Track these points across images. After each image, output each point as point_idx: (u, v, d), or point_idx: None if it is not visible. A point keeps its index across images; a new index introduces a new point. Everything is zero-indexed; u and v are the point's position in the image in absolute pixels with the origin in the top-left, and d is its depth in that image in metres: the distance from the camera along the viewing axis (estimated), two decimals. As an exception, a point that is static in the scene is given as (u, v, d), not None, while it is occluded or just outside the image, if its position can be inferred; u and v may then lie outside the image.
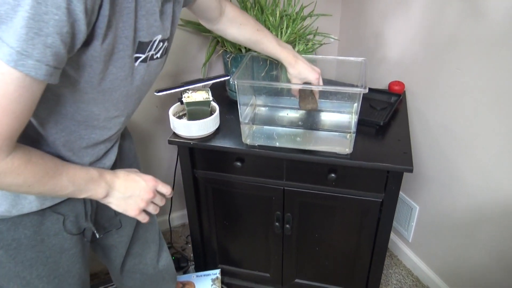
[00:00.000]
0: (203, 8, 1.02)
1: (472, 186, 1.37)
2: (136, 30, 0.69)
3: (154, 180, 0.84)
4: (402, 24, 1.50)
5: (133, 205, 0.82)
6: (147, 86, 0.81)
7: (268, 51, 1.15)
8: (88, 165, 0.81)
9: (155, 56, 0.77)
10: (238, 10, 1.11)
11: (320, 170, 1.25)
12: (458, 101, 1.34)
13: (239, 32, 1.12)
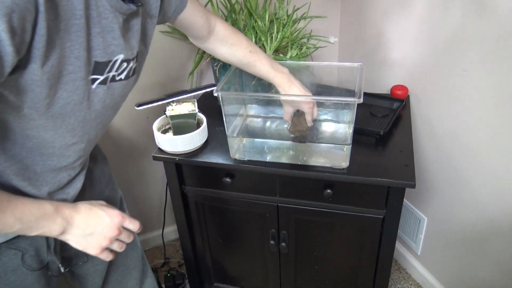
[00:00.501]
0: (188, 25, 0.94)
1: (483, 197, 1.26)
2: (90, 49, 0.61)
3: (121, 215, 0.76)
4: (405, 23, 1.40)
5: (94, 243, 0.73)
6: (111, 110, 0.73)
7: (261, 74, 1.06)
8: (47, 195, 0.74)
9: (117, 78, 0.69)
10: (230, 29, 1.02)
11: (315, 185, 1.16)
12: (466, 105, 1.23)
13: (230, 53, 1.03)
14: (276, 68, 1.04)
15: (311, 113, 1.05)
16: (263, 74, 1.05)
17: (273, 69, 1.03)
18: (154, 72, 1.54)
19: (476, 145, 1.23)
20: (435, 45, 1.29)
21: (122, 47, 0.66)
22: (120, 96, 0.72)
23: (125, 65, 0.68)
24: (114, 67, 0.66)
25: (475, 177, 1.27)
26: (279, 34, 1.21)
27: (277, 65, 1.05)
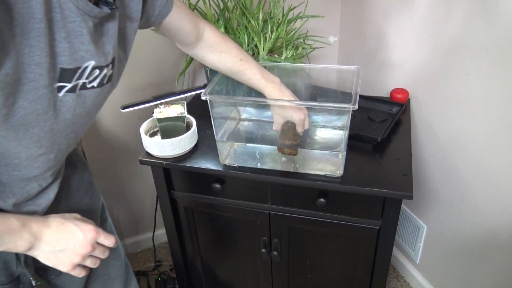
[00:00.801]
0: (174, 31, 0.88)
1: (485, 207, 1.21)
2: (54, 56, 0.56)
3: (95, 230, 0.70)
4: (406, 24, 1.34)
5: (65, 260, 0.69)
6: (84, 118, 0.68)
7: (251, 83, 1.01)
8: (13, 206, 0.69)
9: (89, 85, 0.63)
10: (220, 35, 0.97)
11: (308, 194, 1.10)
12: (468, 110, 1.17)
13: (219, 60, 0.98)
14: (266, 78, 0.99)
15: (302, 125, 1.00)
16: (253, 83, 1.00)
17: (264, 78, 0.98)
18: (147, 72, 1.49)
19: (478, 152, 1.18)
20: (437, 48, 1.23)
21: (93, 53, 0.60)
22: (93, 104, 0.67)
23: (97, 72, 0.63)
24: (84, 74, 0.61)
25: (477, 186, 1.22)
26: (273, 34, 1.16)
27: (268, 74, 1.00)
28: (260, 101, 1.00)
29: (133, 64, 1.49)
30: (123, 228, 1.83)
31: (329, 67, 1.12)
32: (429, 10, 1.22)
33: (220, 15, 1.18)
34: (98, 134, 1.57)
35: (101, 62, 0.63)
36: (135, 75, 1.50)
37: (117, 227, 1.82)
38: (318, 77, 1.20)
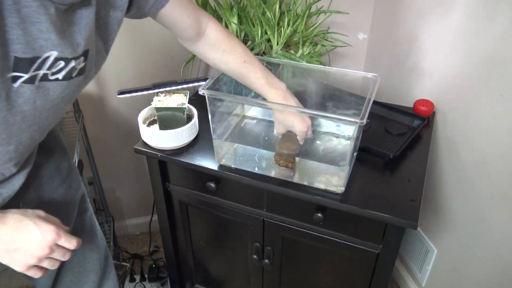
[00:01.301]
0: (171, 24, 0.80)
1: (503, 241, 1.09)
2: (6, 43, 0.50)
3: (56, 232, 0.64)
4: (441, 29, 1.20)
5: (19, 260, 0.64)
6: (50, 111, 0.62)
7: (254, 88, 0.92)
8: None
9: (52, 77, 0.57)
10: (224, 33, 0.88)
11: (306, 206, 1.02)
12: (498, 135, 1.05)
13: (221, 60, 0.89)
14: (271, 83, 0.90)
15: (303, 137, 0.91)
16: (256, 87, 0.91)
17: (268, 83, 0.89)
18: (162, 56, 1.43)
19: (503, 182, 1.06)
20: (471, 59, 1.10)
21: (55, 42, 0.54)
22: (60, 97, 0.61)
23: (62, 64, 0.57)
24: (45, 65, 0.55)
25: (497, 217, 1.10)
26: (289, 28, 1.06)
27: (274, 79, 0.91)
28: (261, 104, 0.91)
29: (141, 45, 1.44)
30: (125, 209, 1.81)
31: (344, 71, 1.02)
32: (468, 16, 1.09)
33: (235, 2, 1.09)
34: (103, 114, 1.53)
35: (67, 54, 0.56)
36: (145, 56, 1.44)
37: (119, 207, 1.80)
38: (334, 77, 1.10)
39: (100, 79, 1.45)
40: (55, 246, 0.65)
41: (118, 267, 1.60)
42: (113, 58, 1.46)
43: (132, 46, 1.42)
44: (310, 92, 1.11)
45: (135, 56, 1.44)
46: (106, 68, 1.44)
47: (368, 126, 1.18)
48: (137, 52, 1.43)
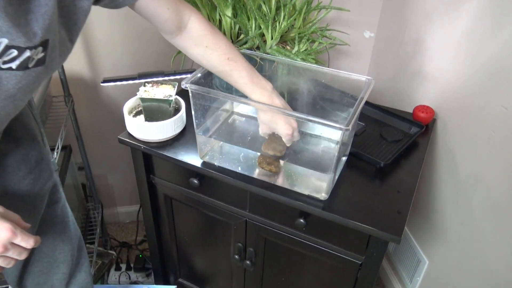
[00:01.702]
0: (149, 16, 0.76)
1: (497, 261, 1.04)
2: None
3: (11, 230, 0.61)
4: (447, 33, 1.14)
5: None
6: (3, 102, 0.58)
7: (238, 86, 0.87)
8: None
9: (4, 66, 0.54)
10: (208, 28, 0.83)
11: (288, 211, 0.98)
12: (498, 150, 0.99)
13: (203, 56, 0.84)
14: (256, 83, 0.85)
15: (289, 140, 0.87)
16: (240, 86, 0.86)
17: (252, 83, 0.84)
18: (155, 41, 1.39)
19: (500, 198, 1.00)
20: (476, 66, 1.04)
21: (3, 29, 0.50)
22: (16, 88, 0.57)
23: (15, 53, 0.53)
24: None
25: (492, 235, 1.05)
26: (284, 23, 1.01)
27: (259, 78, 0.86)
28: (244, 102, 0.87)
29: (139, 31, 1.40)
30: (117, 196, 1.79)
31: (335, 72, 0.96)
32: (475, 21, 1.03)
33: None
34: (97, 100, 1.50)
35: (19, 42, 0.52)
36: (142, 43, 1.41)
37: (111, 195, 1.78)
38: (333, 76, 1.05)
39: (95, 64, 1.42)
40: (10, 244, 0.62)
41: (105, 255, 1.58)
42: (109, 43, 1.44)
43: (130, 32, 1.38)
44: (304, 91, 1.06)
45: (132, 42, 1.40)
46: (102, 53, 1.41)
47: (362, 130, 1.13)
48: (134, 38, 1.40)
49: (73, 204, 1.47)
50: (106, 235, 1.69)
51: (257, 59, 1.03)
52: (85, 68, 1.41)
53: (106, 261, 1.56)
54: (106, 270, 1.56)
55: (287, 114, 0.84)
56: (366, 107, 1.22)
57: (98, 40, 1.37)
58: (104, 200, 1.77)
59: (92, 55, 1.40)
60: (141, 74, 1.01)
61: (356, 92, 0.94)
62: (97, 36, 1.37)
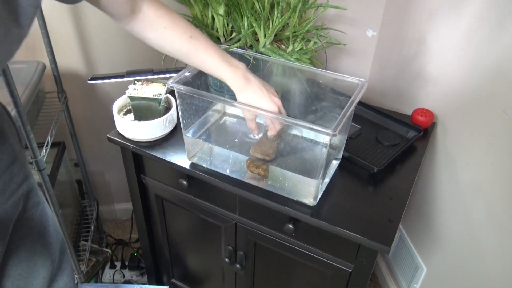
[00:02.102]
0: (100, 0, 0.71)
1: (496, 271, 1.00)
2: None
3: None
4: (451, 32, 1.10)
5: None
6: None
7: (207, 68, 0.81)
8: None
9: None
10: (163, 7, 0.78)
11: (277, 215, 0.95)
12: (498, 156, 0.95)
13: (163, 38, 0.79)
14: (228, 61, 0.79)
15: (271, 128, 0.83)
16: (210, 67, 0.80)
17: (224, 61, 0.79)
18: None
19: (500, 207, 0.96)
20: (477, 69, 0.99)
21: None
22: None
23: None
24: None
25: (490, 244, 1.01)
26: (277, 20, 0.98)
27: (230, 57, 0.81)
28: (230, 103, 0.84)
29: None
30: (114, 193, 1.78)
31: (328, 73, 0.93)
32: (477, 22, 0.98)
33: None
34: (92, 96, 1.48)
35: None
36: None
37: (108, 192, 1.77)
38: (331, 77, 1.02)
39: (90, 60, 1.40)
40: None
41: (99, 253, 1.57)
42: (105, 39, 1.42)
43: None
44: (299, 91, 1.03)
45: (128, 38, 1.38)
46: (97, 49, 1.39)
47: (358, 133, 1.09)
48: (131, 35, 1.37)
49: (68, 201, 1.47)
50: (102, 232, 1.68)
51: (250, 59, 1.00)
52: (81, 64, 1.40)
53: (101, 259, 1.56)
54: (101, 268, 1.55)
55: (273, 117, 0.81)
56: (363, 109, 1.18)
57: (93, 35, 1.36)
58: (101, 197, 1.76)
59: (87, 51, 1.38)
60: (130, 72, 0.98)
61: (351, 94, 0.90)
62: (92, 32, 1.35)
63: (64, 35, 1.33)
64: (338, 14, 1.40)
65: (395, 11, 1.37)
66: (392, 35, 1.40)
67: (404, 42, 1.33)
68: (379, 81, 1.48)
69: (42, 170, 1.03)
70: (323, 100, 0.99)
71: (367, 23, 1.45)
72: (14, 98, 0.91)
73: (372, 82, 1.52)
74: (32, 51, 1.32)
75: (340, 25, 1.42)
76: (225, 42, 1.05)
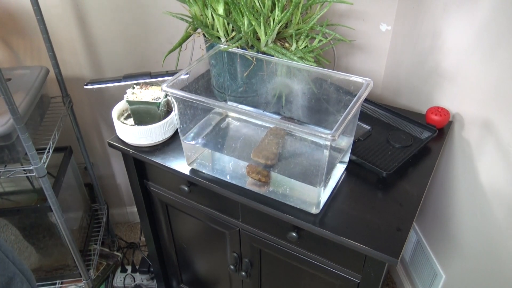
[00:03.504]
0: None
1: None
2: None
3: None
4: (465, 24, 1.02)
5: None
6: None
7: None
8: None
9: None
10: None
11: (280, 223, 0.91)
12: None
13: None
14: None
15: None
16: None
17: None
18: (157, 40, 1.34)
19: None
20: (494, 63, 0.92)
21: None
22: None
23: None
24: None
25: (511, 251, 0.93)
26: (277, 18, 0.93)
27: None
28: (227, 108, 0.80)
29: (141, 29, 1.35)
30: (125, 196, 1.77)
31: (332, 73, 0.87)
32: (492, 12, 0.91)
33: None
34: (100, 99, 1.47)
35: None
36: (143, 42, 1.36)
37: (119, 195, 1.76)
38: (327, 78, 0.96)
39: (96, 63, 1.39)
40: None
41: (110, 256, 1.57)
42: (110, 42, 1.40)
43: (131, 30, 1.34)
44: (302, 91, 0.98)
45: (133, 40, 1.36)
46: (102, 52, 1.38)
47: (367, 134, 1.03)
48: (136, 37, 1.35)
49: (77, 205, 1.46)
50: (114, 236, 1.67)
51: (251, 59, 0.96)
52: (86, 68, 1.39)
53: (111, 263, 1.55)
54: (111, 272, 1.55)
55: (278, 125, 0.76)
56: (375, 109, 1.12)
57: (98, 39, 1.34)
58: (113, 200, 1.75)
59: (92, 55, 1.37)
60: (126, 76, 0.96)
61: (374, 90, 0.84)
62: (97, 35, 1.33)
63: (68, 39, 1.32)
64: (349, 9, 1.34)
65: (409, 3, 1.29)
66: (407, 29, 1.33)
67: (418, 37, 1.25)
68: (394, 78, 1.41)
69: (42, 177, 1.01)
70: (329, 101, 0.94)
71: (380, 17, 1.38)
72: (11, 105, 0.89)
73: (387, 80, 1.45)
74: (37, 56, 1.32)
75: (352, 20, 1.35)
76: (225, 42, 1.01)
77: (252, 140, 0.96)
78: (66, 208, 1.32)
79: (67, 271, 1.35)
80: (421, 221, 1.36)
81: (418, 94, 1.27)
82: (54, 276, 1.36)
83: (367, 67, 1.46)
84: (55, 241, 1.30)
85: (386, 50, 1.45)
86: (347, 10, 1.33)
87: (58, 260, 1.35)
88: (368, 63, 1.46)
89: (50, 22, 1.20)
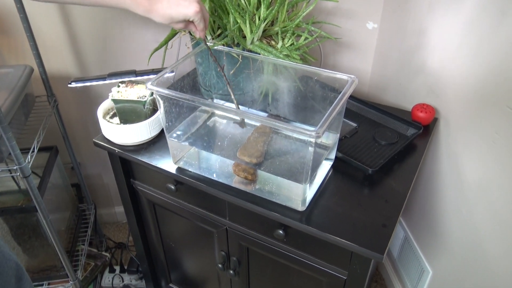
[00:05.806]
0: None
1: (502, 272, 0.94)
2: None
3: None
4: (451, 23, 1.03)
5: None
6: None
7: (104, 2, 0.74)
8: None
9: None
10: None
11: (267, 221, 0.91)
12: (502, 154, 0.88)
13: None
14: None
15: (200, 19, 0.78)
16: None
17: None
18: (145, 38, 1.33)
19: (505, 208, 0.89)
20: (479, 60, 0.93)
21: None
22: None
23: None
24: None
25: (496, 247, 0.94)
26: (262, 15, 0.93)
27: None
28: (213, 106, 0.79)
29: (130, 28, 1.34)
30: (114, 197, 1.76)
31: (318, 70, 0.87)
32: (477, 10, 0.92)
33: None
34: (86, 98, 1.46)
35: None
36: (131, 41, 1.35)
37: (107, 195, 1.75)
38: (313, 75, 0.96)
39: (81, 61, 1.38)
40: None
41: (98, 257, 1.55)
42: (95, 40, 1.38)
43: (116, 28, 1.33)
44: (288, 89, 0.98)
45: (119, 38, 1.35)
46: (89, 50, 1.36)
47: (354, 132, 1.04)
48: (121, 35, 1.34)
49: (64, 205, 1.45)
50: (102, 236, 1.66)
51: (237, 57, 0.96)
52: (72, 66, 1.37)
53: (99, 263, 1.54)
54: (100, 272, 1.54)
55: (265, 123, 0.76)
56: (361, 106, 1.13)
57: (82, 37, 1.33)
58: (101, 200, 1.74)
59: (77, 53, 1.35)
60: (111, 74, 0.95)
61: (360, 88, 0.85)
62: (82, 33, 1.32)
63: (53, 38, 1.30)
64: (336, 7, 1.34)
65: (395, 1, 1.30)
66: (393, 27, 1.34)
67: (405, 35, 1.26)
68: (381, 76, 1.42)
69: (27, 177, 1.00)
70: (315, 98, 0.94)
71: (367, 15, 1.38)
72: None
73: (374, 77, 1.46)
74: (21, 55, 1.30)
75: (338, 18, 1.36)
76: (211, 39, 1.00)
77: (238, 138, 0.96)
78: (52, 209, 1.31)
79: (54, 271, 1.34)
80: (409, 218, 1.37)
81: (404, 92, 1.27)
82: (42, 277, 1.35)
83: (354, 65, 1.46)
84: (42, 241, 1.28)
85: (373, 48, 1.45)
86: (333, 8, 1.34)
87: (45, 261, 1.33)
88: (355, 61, 1.46)
89: (34, 20, 1.18)
